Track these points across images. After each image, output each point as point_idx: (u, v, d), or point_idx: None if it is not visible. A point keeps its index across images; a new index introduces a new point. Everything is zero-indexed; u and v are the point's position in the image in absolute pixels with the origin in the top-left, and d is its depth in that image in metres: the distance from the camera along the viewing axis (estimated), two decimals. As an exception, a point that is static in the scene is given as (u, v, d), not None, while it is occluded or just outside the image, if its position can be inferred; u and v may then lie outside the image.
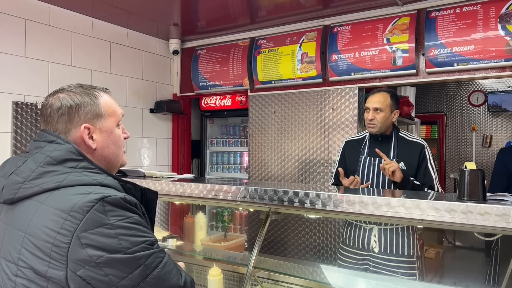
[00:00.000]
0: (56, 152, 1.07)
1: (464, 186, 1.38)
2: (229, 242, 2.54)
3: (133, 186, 1.19)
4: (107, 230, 0.97)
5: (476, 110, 6.01)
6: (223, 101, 4.66)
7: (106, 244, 0.97)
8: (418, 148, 2.41)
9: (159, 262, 1.05)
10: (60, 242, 0.96)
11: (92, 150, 1.16)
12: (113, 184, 1.10)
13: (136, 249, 1.00)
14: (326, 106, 3.63)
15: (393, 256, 2.30)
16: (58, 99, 1.14)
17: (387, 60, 3.28)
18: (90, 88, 1.20)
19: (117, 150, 1.23)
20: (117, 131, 1.24)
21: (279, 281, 2.03)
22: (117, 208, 1.01)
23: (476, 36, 2.94)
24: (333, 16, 3.60)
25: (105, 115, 1.19)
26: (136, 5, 3.45)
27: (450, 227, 1.40)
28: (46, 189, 1.03)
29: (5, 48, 3.10)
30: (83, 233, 0.96)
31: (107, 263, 0.96)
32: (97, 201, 0.99)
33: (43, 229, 0.98)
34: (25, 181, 1.05)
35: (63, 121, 1.13)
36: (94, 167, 1.11)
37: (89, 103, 1.16)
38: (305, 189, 1.72)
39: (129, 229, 1.01)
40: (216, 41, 4.29)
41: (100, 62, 3.81)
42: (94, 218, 0.97)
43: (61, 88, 1.19)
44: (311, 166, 3.71)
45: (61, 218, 0.97)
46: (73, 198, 0.99)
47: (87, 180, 1.06)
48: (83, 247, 0.95)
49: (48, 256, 0.96)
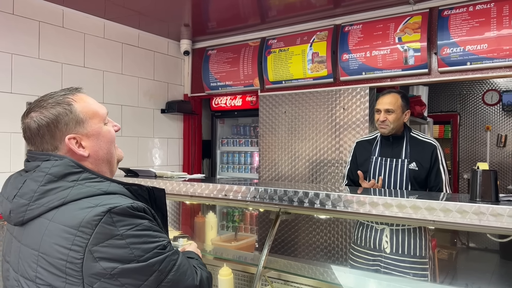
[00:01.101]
0: (55, 168, 1.06)
1: (476, 187, 1.36)
2: (239, 242, 2.55)
3: (139, 187, 1.18)
4: (118, 241, 0.97)
5: (491, 110, 5.91)
6: (234, 101, 4.67)
7: (118, 255, 0.97)
8: (430, 148, 2.39)
9: (173, 265, 1.05)
10: (73, 259, 0.96)
11: (86, 158, 1.13)
12: (118, 190, 1.09)
13: (148, 256, 1.00)
14: (337, 106, 3.62)
15: (404, 256, 2.28)
16: (32, 119, 1.10)
17: (399, 59, 3.25)
18: (61, 96, 1.13)
19: (111, 147, 1.20)
20: (105, 128, 1.19)
21: (289, 281, 2.03)
22: (125, 217, 1.00)
23: (489, 34, 2.89)
24: (344, 16, 3.58)
25: (86, 119, 1.14)
26: (147, 6, 3.48)
27: (462, 228, 1.39)
28: (51, 207, 1.03)
29: (19, 50, 3.16)
30: (95, 247, 0.96)
31: (121, 274, 0.97)
32: (104, 214, 0.98)
33: (55, 247, 0.98)
34: (30, 203, 1.04)
35: (46, 140, 1.10)
36: (96, 176, 1.09)
37: (64, 113, 1.10)
38: (315, 189, 1.72)
39: (140, 237, 1.00)
40: (227, 42, 4.30)
41: (112, 63, 3.85)
42: (104, 231, 0.97)
43: (32, 105, 1.13)
44: (321, 166, 3.69)
45: (71, 235, 0.97)
46: (80, 213, 0.99)
47: (92, 191, 1.05)
48: (96, 261, 0.96)
49: (63, 272, 0.97)
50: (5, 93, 3.08)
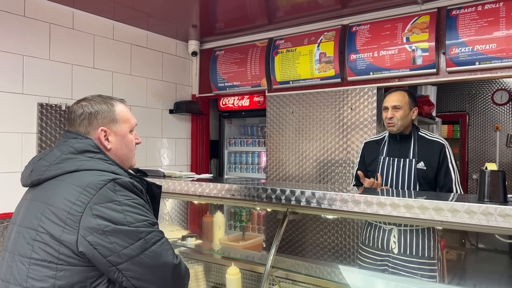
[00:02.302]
0: (78, 144, 1.27)
1: (484, 187, 1.36)
2: (247, 242, 2.56)
3: (140, 180, 1.34)
4: (115, 206, 1.14)
5: (500, 109, 5.85)
6: (241, 102, 4.69)
7: (113, 217, 1.13)
8: (438, 147, 2.38)
9: (158, 240, 1.18)
10: (74, 211, 1.13)
11: (107, 150, 1.35)
12: (123, 174, 1.26)
13: (138, 224, 1.15)
14: (345, 106, 3.62)
15: (412, 257, 2.28)
16: (80, 106, 1.35)
17: (407, 59, 3.24)
18: (108, 98, 1.40)
19: (129, 152, 1.41)
20: (130, 136, 1.42)
21: (297, 281, 2.04)
22: (125, 190, 1.19)
23: (498, 34, 2.87)
24: (352, 16, 3.58)
25: (120, 121, 1.38)
26: (156, 8, 3.51)
27: (470, 228, 1.39)
28: (67, 171, 1.21)
29: (31, 52, 3.21)
30: (95, 205, 1.13)
31: (112, 232, 1.11)
32: (109, 181, 1.17)
33: (62, 200, 1.15)
34: (51, 165, 1.24)
35: (84, 124, 1.33)
36: (108, 159, 1.30)
37: (106, 110, 1.36)
38: (322, 189, 1.72)
39: (134, 207, 1.17)
40: (234, 42, 4.32)
41: (121, 64, 3.89)
42: (105, 194, 1.15)
43: (84, 98, 1.39)
44: (329, 166, 3.69)
45: (77, 192, 1.15)
46: (90, 177, 1.18)
47: (102, 167, 1.24)
48: (93, 217, 1.12)
49: (63, 222, 1.13)
50: (17, 94, 3.13)
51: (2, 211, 3.02)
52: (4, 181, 3.04)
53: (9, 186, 3.06)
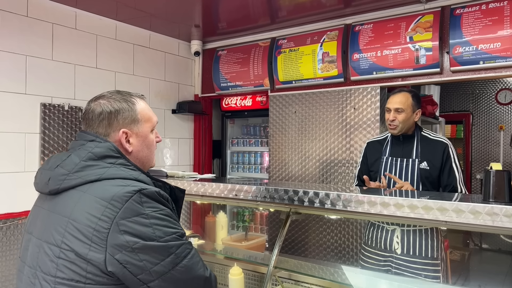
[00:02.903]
0: (97, 148, 1.18)
1: (489, 188, 1.35)
2: (249, 242, 2.55)
3: (163, 184, 1.28)
4: (143, 220, 1.07)
5: (504, 109, 5.83)
6: (244, 102, 4.68)
7: (141, 232, 1.06)
8: (441, 147, 2.36)
9: (188, 253, 1.12)
10: (100, 228, 1.05)
11: (128, 153, 1.26)
12: (146, 181, 1.19)
13: (168, 238, 1.09)
14: (348, 106, 3.60)
15: (416, 258, 2.26)
16: (99, 105, 1.24)
17: (410, 58, 3.22)
18: (128, 95, 1.29)
19: (150, 154, 1.33)
20: (151, 136, 1.33)
21: (300, 282, 2.03)
22: (152, 201, 1.11)
23: (503, 33, 2.85)
24: (355, 15, 3.57)
25: (141, 121, 1.28)
26: (158, 8, 3.51)
27: (475, 229, 1.38)
28: (88, 180, 1.13)
29: (34, 52, 3.21)
30: (122, 220, 1.05)
31: (142, 249, 1.05)
32: (135, 192, 1.09)
33: (86, 215, 1.07)
34: (69, 173, 1.14)
35: (103, 125, 1.23)
36: (130, 164, 1.21)
37: (127, 109, 1.25)
38: (325, 189, 1.72)
39: (162, 220, 1.10)
40: (237, 42, 4.31)
41: (123, 64, 3.89)
42: (132, 208, 1.07)
43: (101, 94, 1.28)
44: (332, 166, 3.68)
45: (102, 206, 1.07)
46: (113, 188, 1.09)
47: (125, 175, 1.15)
48: (121, 233, 1.04)
49: (89, 239, 1.05)
50: (20, 94, 3.14)
51: (6, 210, 3.03)
52: (7, 181, 3.05)
53: (12, 186, 3.06)
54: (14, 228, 3.09)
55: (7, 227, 3.04)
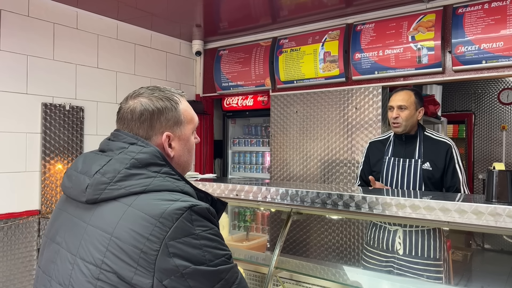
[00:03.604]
0: (142, 154, 1.05)
1: (492, 188, 1.34)
2: (251, 242, 2.55)
3: (205, 195, 1.17)
4: (194, 241, 0.96)
5: (506, 109, 5.80)
6: (245, 101, 4.68)
7: (192, 254, 0.95)
8: (444, 148, 2.35)
9: (236, 278, 1.02)
10: (149, 249, 0.93)
11: (170, 159, 1.13)
12: (191, 192, 1.08)
13: (218, 262, 0.98)
14: (349, 106, 3.59)
15: (418, 258, 2.25)
16: (140, 103, 1.11)
17: (412, 58, 3.21)
18: (170, 93, 1.16)
19: (190, 158, 1.21)
20: (192, 139, 1.21)
21: (301, 282, 2.02)
22: (203, 219, 1.00)
23: (505, 32, 2.84)
24: (356, 15, 3.56)
25: (184, 122, 1.16)
26: (160, 8, 3.50)
27: (478, 229, 1.36)
28: (132, 192, 1.00)
29: (35, 52, 3.21)
30: (171, 241, 0.94)
31: (191, 275, 0.94)
32: (186, 209, 0.97)
33: (132, 233, 0.95)
34: (111, 182, 1.02)
35: (144, 127, 1.10)
36: (175, 173, 1.08)
37: (170, 109, 1.13)
38: (327, 189, 1.71)
39: (212, 241, 0.99)
40: (238, 42, 4.31)
41: (125, 64, 3.89)
42: (183, 227, 0.95)
43: (139, 91, 1.15)
44: (334, 166, 3.67)
45: (150, 224, 0.94)
46: (162, 203, 0.97)
47: (171, 186, 1.04)
48: (170, 256, 0.93)
49: (135, 262, 0.93)
50: (21, 94, 3.14)
51: (6, 210, 3.03)
52: (8, 181, 3.05)
53: (13, 186, 3.06)
54: (15, 228, 3.09)
55: (8, 227, 3.04)
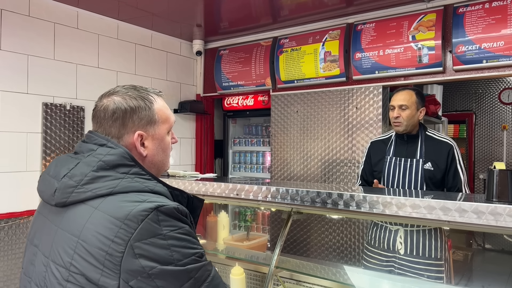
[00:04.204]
0: (109, 156, 1.06)
1: (493, 187, 1.34)
2: (251, 242, 2.54)
3: (181, 193, 1.18)
4: (160, 241, 0.96)
5: (507, 109, 5.80)
6: (246, 101, 4.68)
7: (158, 255, 0.95)
8: (446, 148, 2.35)
9: (208, 276, 1.02)
10: (114, 251, 0.95)
11: (143, 158, 1.14)
12: (163, 191, 1.09)
13: (187, 261, 0.99)
14: (350, 105, 3.59)
15: (419, 258, 2.25)
16: (113, 102, 1.11)
17: (413, 57, 3.21)
18: (145, 92, 1.16)
19: (165, 157, 1.21)
20: (167, 138, 1.21)
21: (301, 282, 2.02)
22: (170, 218, 1.00)
23: (506, 31, 2.83)
24: (357, 14, 3.55)
25: (159, 121, 1.16)
26: (160, 7, 3.50)
27: (478, 229, 1.36)
28: (99, 194, 1.02)
29: (35, 51, 3.21)
30: (137, 242, 0.95)
31: (158, 275, 0.95)
32: (152, 210, 0.97)
33: (97, 236, 0.97)
34: (78, 185, 1.03)
35: (116, 125, 1.11)
36: (145, 173, 1.09)
37: (144, 108, 1.13)
38: (327, 189, 1.71)
39: (181, 240, 0.99)
40: (239, 41, 4.31)
41: (125, 64, 3.89)
42: (148, 228, 0.96)
43: (115, 89, 1.16)
44: (334, 166, 3.67)
45: (115, 226, 0.96)
46: (128, 205, 0.98)
47: (139, 187, 1.04)
48: (136, 257, 0.94)
49: (101, 264, 0.95)
50: (22, 93, 3.14)
51: (7, 210, 3.03)
52: (9, 180, 3.05)
53: (14, 186, 3.07)
54: (16, 227, 3.09)
55: (8, 227, 3.04)
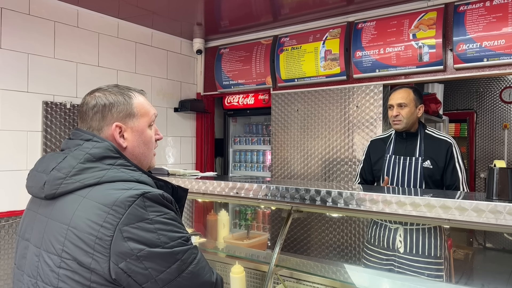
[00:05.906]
0: (95, 149, 1.12)
1: (493, 185, 1.33)
2: (251, 240, 2.54)
3: (165, 183, 1.23)
4: (147, 225, 1.02)
5: (508, 107, 5.78)
6: (246, 100, 4.67)
7: (146, 238, 1.01)
8: (445, 146, 2.35)
9: (194, 258, 1.08)
10: (103, 235, 1.00)
11: (123, 149, 1.20)
12: (148, 181, 1.14)
13: (173, 244, 1.04)
14: (350, 104, 3.58)
15: (419, 256, 2.25)
16: (94, 97, 1.20)
17: (413, 56, 3.20)
18: (125, 89, 1.25)
19: (147, 150, 1.26)
20: (149, 132, 1.26)
21: (301, 280, 2.02)
22: (156, 204, 1.06)
23: (507, 30, 2.83)
24: (357, 12, 3.55)
25: (138, 115, 1.23)
26: (160, 6, 3.50)
27: (479, 227, 1.36)
28: (87, 184, 1.07)
29: (35, 50, 3.21)
30: (125, 227, 1.00)
31: (147, 257, 1.01)
32: (138, 196, 1.03)
33: (87, 222, 1.02)
34: (66, 177, 1.08)
35: (96, 118, 1.18)
36: (130, 164, 1.15)
37: (122, 102, 1.20)
38: (327, 187, 1.70)
39: (167, 225, 1.05)
40: (239, 40, 4.30)
41: (126, 62, 3.89)
42: (135, 213, 1.02)
43: (98, 88, 1.24)
44: (334, 164, 3.67)
45: (104, 212, 1.01)
46: (115, 193, 1.04)
47: (125, 177, 1.10)
48: (125, 240, 1.00)
49: (92, 248, 1.00)
50: (22, 92, 3.14)
51: (8, 208, 3.04)
52: (9, 179, 3.05)
53: (14, 184, 3.07)
54: (17, 226, 3.09)
55: (9, 225, 3.05)
